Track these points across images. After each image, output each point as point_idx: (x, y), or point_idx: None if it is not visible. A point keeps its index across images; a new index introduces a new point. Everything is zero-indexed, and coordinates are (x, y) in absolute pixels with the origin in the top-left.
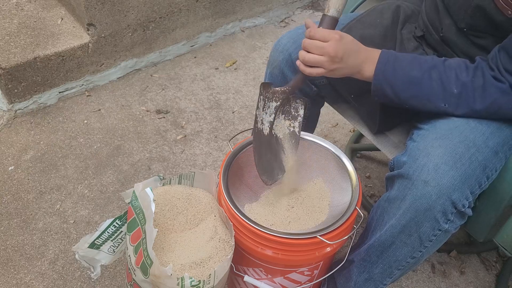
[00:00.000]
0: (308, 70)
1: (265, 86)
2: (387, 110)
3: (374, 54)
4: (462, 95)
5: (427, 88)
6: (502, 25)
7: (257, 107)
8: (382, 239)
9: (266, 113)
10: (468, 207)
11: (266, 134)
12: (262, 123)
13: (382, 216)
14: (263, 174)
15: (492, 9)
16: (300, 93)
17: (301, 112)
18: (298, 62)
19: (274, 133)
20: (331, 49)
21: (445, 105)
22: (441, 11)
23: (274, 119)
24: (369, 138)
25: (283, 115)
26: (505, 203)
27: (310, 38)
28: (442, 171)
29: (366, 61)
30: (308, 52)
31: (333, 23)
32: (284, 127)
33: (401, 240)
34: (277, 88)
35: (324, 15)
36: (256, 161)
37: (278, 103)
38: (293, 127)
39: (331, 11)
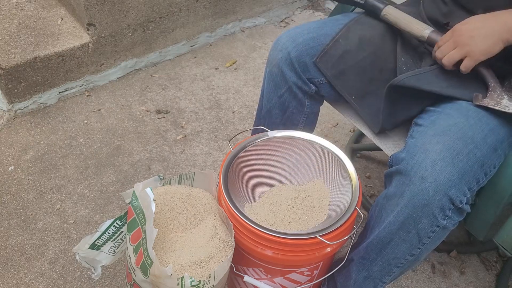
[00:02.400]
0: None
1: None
2: (389, 111)
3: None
4: None
5: None
6: None
7: None
8: (380, 237)
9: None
10: (466, 203)
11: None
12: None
13: (381, 213)
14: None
15: None
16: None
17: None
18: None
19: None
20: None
21: None
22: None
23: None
24: (369, 136)
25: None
26: (504, 201)
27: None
28: (440, 167)
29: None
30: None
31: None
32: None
33: (400, 237)
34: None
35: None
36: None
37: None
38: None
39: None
